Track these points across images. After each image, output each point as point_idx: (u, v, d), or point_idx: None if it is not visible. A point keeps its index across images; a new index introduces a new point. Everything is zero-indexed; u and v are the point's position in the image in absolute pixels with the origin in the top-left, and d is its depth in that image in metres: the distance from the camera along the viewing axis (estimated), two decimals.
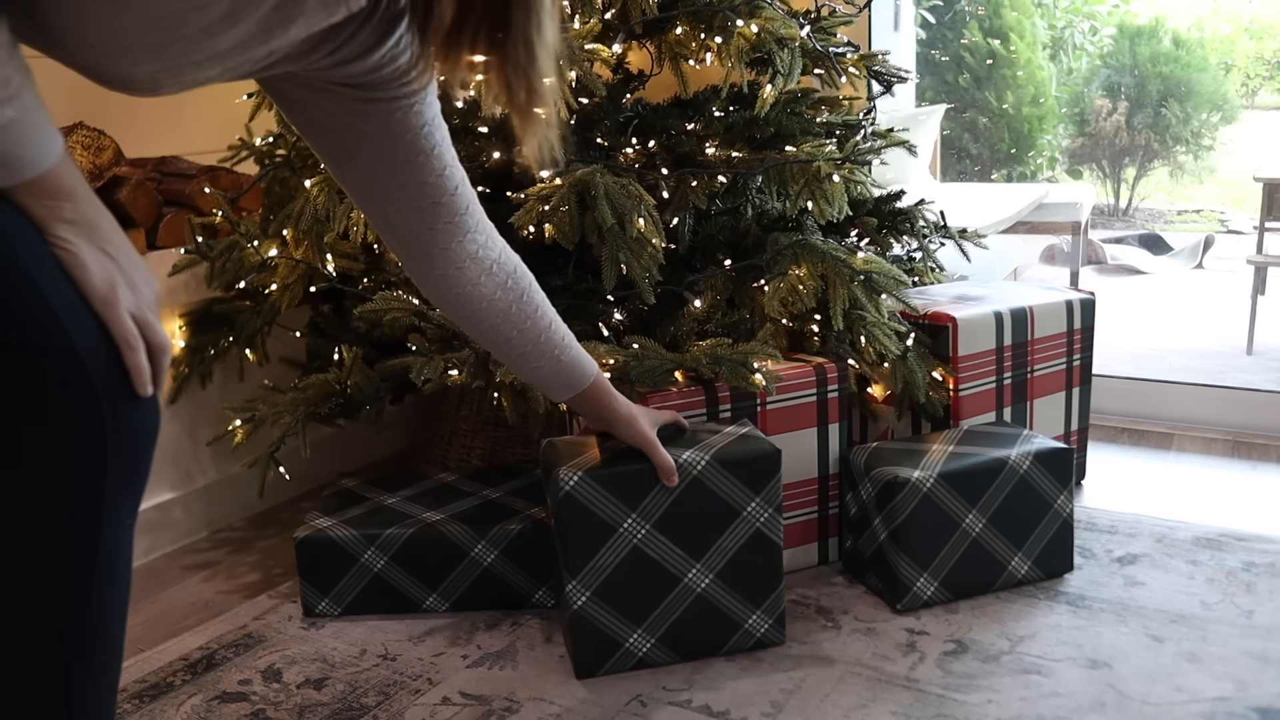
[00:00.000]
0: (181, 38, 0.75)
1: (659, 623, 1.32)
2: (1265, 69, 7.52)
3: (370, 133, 0.97)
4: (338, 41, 0.86)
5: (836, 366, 1.54)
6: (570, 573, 1.29)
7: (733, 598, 1.33)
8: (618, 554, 1.29)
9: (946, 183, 4.99)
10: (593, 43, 1.52)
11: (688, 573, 1.31)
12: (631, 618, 1.31)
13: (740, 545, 1.32)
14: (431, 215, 1.06)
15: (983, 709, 1.22)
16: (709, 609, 1.33)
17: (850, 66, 1.72)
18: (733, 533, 1.32)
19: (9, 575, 0.76)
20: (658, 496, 1.28)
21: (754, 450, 1.32)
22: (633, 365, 1.42)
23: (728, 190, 1.70)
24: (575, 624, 1.30)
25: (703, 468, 1.29)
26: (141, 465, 0.79)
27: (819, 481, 1.57)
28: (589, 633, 1.30)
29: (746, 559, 1.33)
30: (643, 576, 1.30)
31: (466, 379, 1.49)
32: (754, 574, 1.33)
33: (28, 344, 0.72)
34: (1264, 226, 3.53)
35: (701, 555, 1.31)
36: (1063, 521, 1.51)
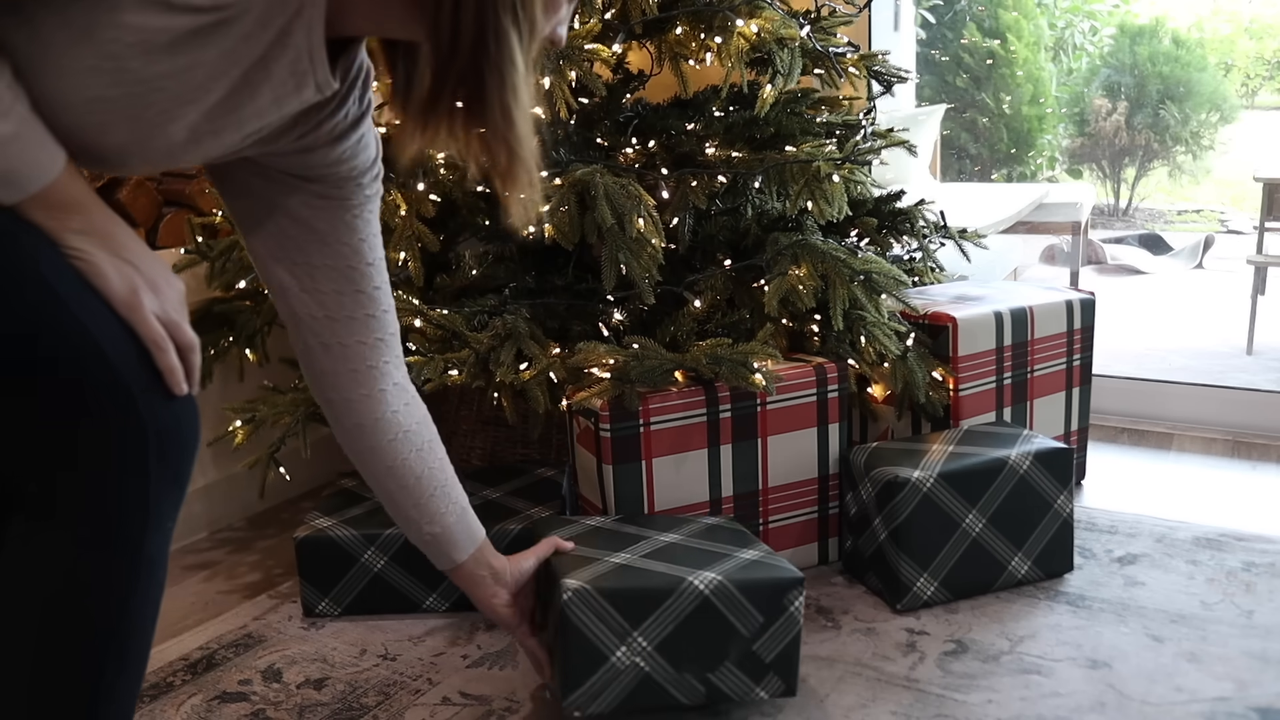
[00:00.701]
0: (155, 104, 0.76)
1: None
2: (1265, 69, 7.52)
3: (318, 230, 0.97)
4: (309, 125, 0.89)
5: (836, 366, 1.54)
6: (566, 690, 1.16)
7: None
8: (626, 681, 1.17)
9: (946, 183, 4.99)
10: (593, 43, 1.52)
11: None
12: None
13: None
14: (364, 328, 1.03)
15: (983, 709, 1.22)
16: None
17: (850, 66, 1.72)
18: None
19: (51, 575, 0.77)
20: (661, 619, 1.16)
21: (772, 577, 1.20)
22: (633, 365, 1.42)
23: (728, 190, 1.70)
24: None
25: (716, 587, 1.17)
26: (184, 466, 0.80)
27: (819, 481, 1.57)
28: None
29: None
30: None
31: (466, 379, 1.49)
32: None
33: (58, 353, 0.73)
34: (1264, 226, 3.53)
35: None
36: (1063, 521, 1.51)
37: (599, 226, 1.46)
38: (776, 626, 1.19)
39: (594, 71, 1.52)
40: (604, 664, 1.14)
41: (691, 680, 1.18)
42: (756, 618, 1.18)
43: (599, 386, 1.42)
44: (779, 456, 1.53)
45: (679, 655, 1.16)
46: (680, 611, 1.16)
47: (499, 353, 1.49)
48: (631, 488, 1.46)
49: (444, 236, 1.76)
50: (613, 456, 1.45)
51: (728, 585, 1.17)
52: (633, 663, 1.15)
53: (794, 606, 1.20)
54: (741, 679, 1.19)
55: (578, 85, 1.53)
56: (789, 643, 1.20)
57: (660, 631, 1.16)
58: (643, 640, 1.15)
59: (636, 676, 1.15)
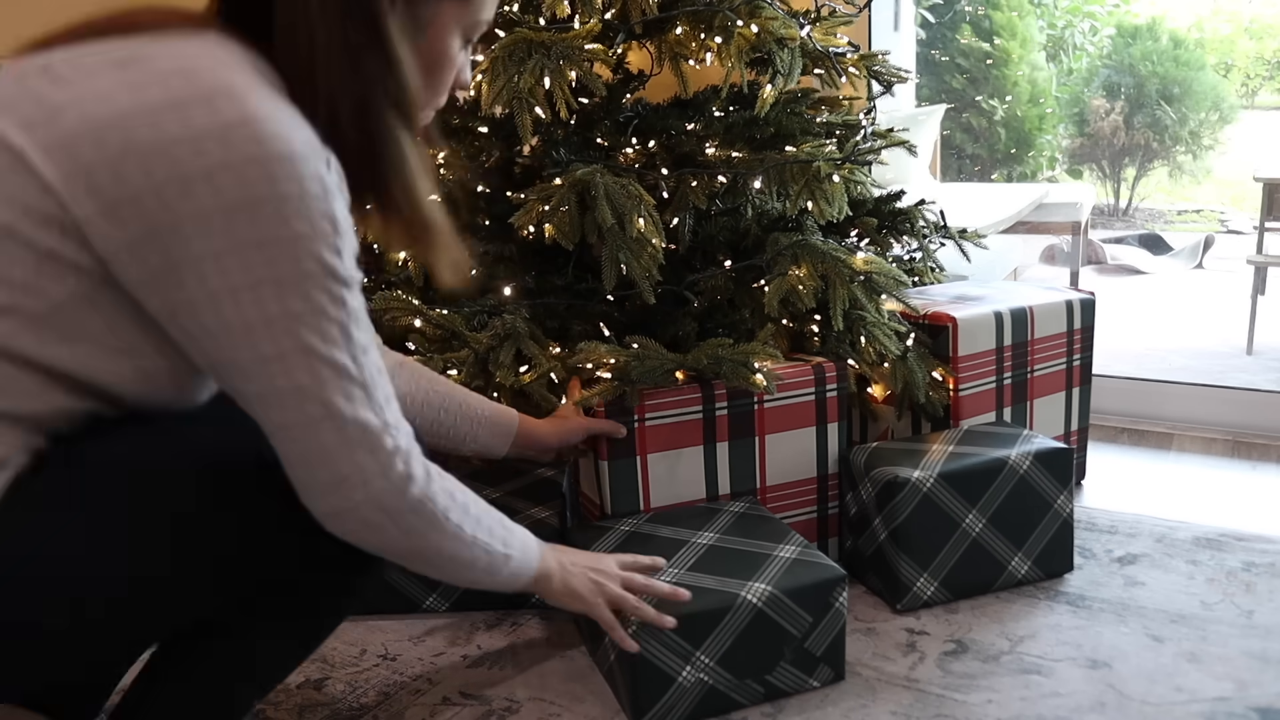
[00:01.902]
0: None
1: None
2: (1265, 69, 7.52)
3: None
4: None
5: (835, 366, 1.54)
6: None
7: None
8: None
9: (946, 183, 4.99)
10: (593, 43, 1.52)
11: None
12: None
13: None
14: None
15: (983, 709, 1.22)
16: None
17: (850, 66, 1.72)
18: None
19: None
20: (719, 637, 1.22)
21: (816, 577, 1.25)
22: (633, 365, 1.42)
23: (728, 190, 1.70)
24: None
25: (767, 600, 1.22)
26: None
27: (818, 481, 1.57)
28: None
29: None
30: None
31: (465, 378, 1.49)
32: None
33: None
34: (1264, 226, 3.53)
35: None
36: (1063, 521, 1.51)
37: (599, 226, 1.46)
38: (825, 622, 1.26)
39: (594, 71, 1.52)
40: (672, 685, 1.20)
41: (752, 684, 1.24)
42: (806, 619, 1.25)
43: (600, 387, 1.43)
44: (777, 455, 1.53)
45: (738, 664, 1.22)
46: (737, 626, 1.21)
47: (498, 353, 1.49)
48: (627, 483, 1.46)
49: None
50: (608, 451, 1.45)
51: (778, 595, 1.22)
52: (698, 679, 1.21)
53: (839, 602, 1.26)
54: (796, 674, 1.26)
55: (578, 85, 1.53)
56: (836, 635, 1.27)
57: (720, 647, 1.21)
58: (705, 657, 1.21)
59: (702, 690, 1.22)
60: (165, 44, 0.80)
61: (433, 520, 0.90)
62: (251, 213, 0.76)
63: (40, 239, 0.77)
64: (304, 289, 0.78)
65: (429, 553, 0.93)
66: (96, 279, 0.79)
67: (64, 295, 0.78)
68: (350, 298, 0.82)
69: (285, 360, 0.79)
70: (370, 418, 0.84)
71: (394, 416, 0.86)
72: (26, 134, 0.76)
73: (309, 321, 0.79)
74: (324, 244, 0.79)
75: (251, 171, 0.76)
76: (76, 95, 0.77)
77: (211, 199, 0.75)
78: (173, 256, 0.77)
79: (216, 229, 0.76)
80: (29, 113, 0.77)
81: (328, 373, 0.81)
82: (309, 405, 0.81)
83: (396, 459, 0.86)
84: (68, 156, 0.76)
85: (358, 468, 0.84)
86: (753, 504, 1.47)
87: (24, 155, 0.76)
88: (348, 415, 0.82)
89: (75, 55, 0.80)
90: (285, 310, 0.78)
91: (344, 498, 0.85)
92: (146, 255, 0.77)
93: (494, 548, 0.99)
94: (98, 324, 0.80)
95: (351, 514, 0.86)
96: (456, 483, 0.95)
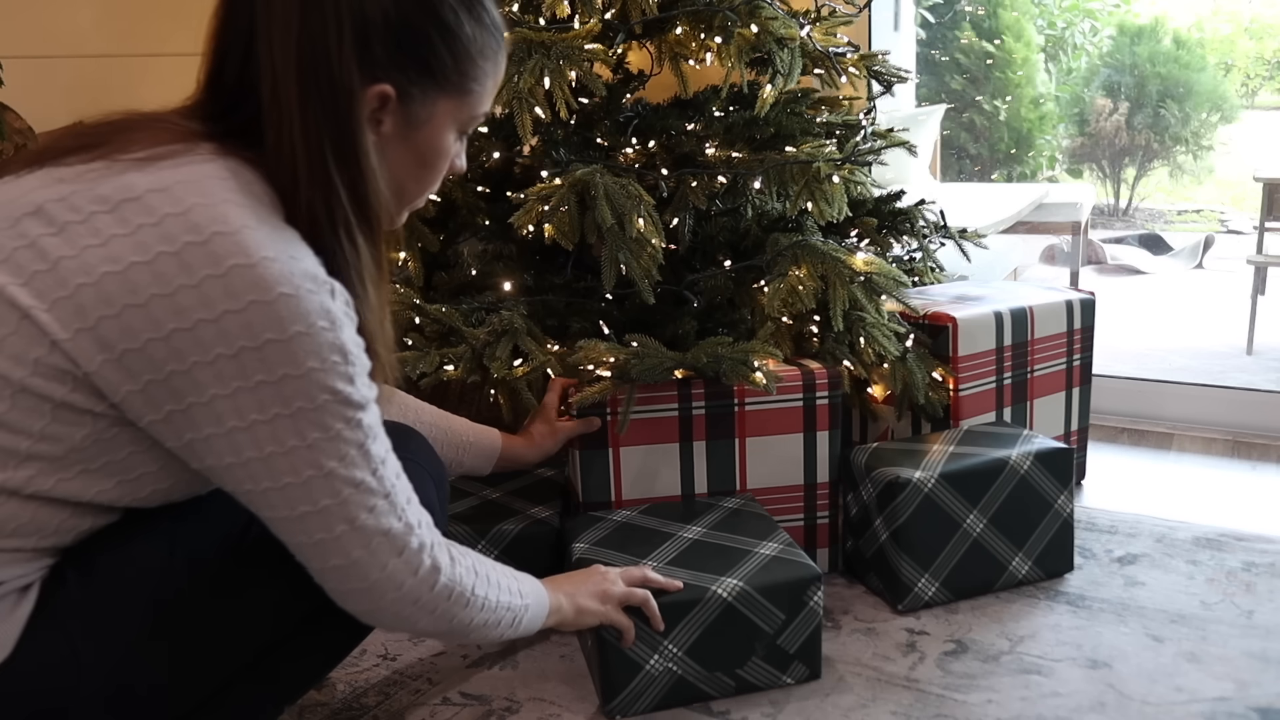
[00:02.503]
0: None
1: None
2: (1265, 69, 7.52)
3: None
4: None
5: (829, 372, 1.51)
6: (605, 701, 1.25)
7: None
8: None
9: (946, 183, 4.99)
10: (593, 43, 1.52)
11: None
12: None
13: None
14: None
15: (983, 709, 1.22)
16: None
17: (850, 66, 1.72)
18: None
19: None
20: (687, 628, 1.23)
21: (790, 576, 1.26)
22: (633, 363, 1.42)
23: (728, 190, 1.70)
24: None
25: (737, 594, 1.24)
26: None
27: (805, 490, 1.54)
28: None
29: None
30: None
31: (462, 374, 1.49)
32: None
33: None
34: (1264, 226, 3.53)
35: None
36: (1063, 522, 1.50)
37: (599, 226, 1.46)
38: (798, 621, 1.26)
39: (594, 71, 1.52)
40: (640, 672, 1.22)
41: (722, 676, 1.25)
42: (778, 615, 1.25)
43: (600, 385, 1.42)
44: (758, 459, 1.51)
45: (708, 656, 1.24)
46: (706, 618, 1.22)
47: (494, 348, 1.49)
48: (599, 474, 1.47)
49: (444, 236, 1.76)
50: (581, 443, 1.47)
51: (749, 591, 1.23)
52: (666, 668, 1.23)
53: (813, 601, 1.26)
54: (768, 670, 1.27)
55: (578, 85, 1.53)
56: (811, 633, 1.27)
57: (689, 637, 1.23)
58: (673, 647, 1.22)
59: (670, 679, 1.23)
60: (155, 174, 0.79)
61: (460, 599, 0.95)
62: (261, 354, 0.78)
63: (53, 391, 0.78)
64: (320, 419, 0.81)
65: (460, 627, 0.97)
66: (111, 421, 0.80)
67: (80, 438, 0.80)
68: (365, 417, 0.84)
69: (308, 486, 0.82)
70: (394, 524, 0.87)
71: (415, 515, 0.90)
72: (29, 289, 0.77)
73: (326, 448, 0.82)
74: (335, 375, 0.80)
75: (257, 315, 0.77)
76: (76, 247, 0.77)
77: (221, 344, 0.77)
78: (186, 399, 0.79)
79: (228, 372, 0.78)
80: (30, 265, 0.77)
81: (349, 491, 0.84)
82: (336, 525, 0.84)
83: (423, 555, 0.90)
84: (73, 312, 0.76)
85: (387, 573, 0.88)
86: (749, 501, 1.47)
87: (30, 313, 0.76)
88: (372, 528, 0.86)
89: (66, 194, 0.79)
90: (303, 441, 0.81)
91: (377, 599, 0.89)
92: (160, 400, 0.79)
93: (514, 603, 1.04)
94: (115, 458, 0.82)
95: (386, 611, 0.91)
96: (471, 552, 1.00)
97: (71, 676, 0.82)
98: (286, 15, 0.81)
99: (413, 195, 0.95)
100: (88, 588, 0.84)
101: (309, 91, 0.81)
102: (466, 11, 0.89)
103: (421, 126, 0.90)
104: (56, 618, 0.82)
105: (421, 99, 0.88)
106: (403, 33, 0.85)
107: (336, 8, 0.82)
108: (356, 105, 0.84)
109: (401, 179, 0.92)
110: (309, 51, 0.81)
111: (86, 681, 0.83)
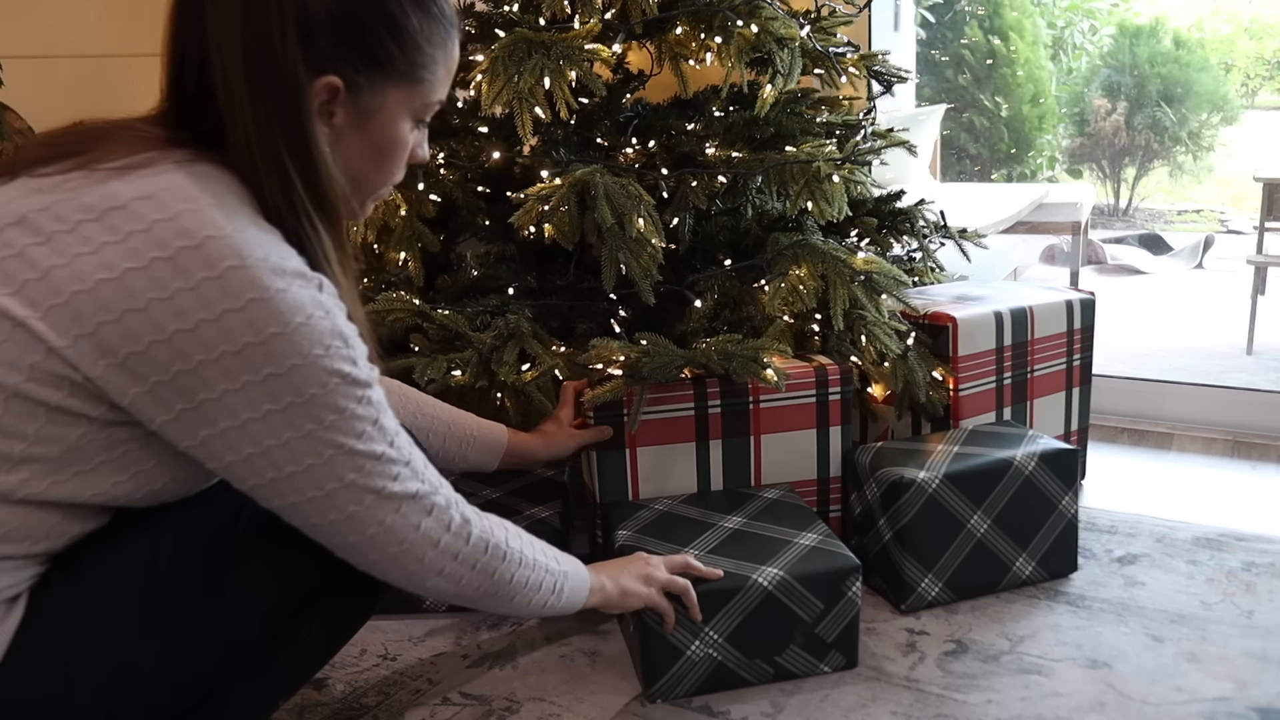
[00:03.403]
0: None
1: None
2: (1265, 69, 7.52)
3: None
4: None
5: (840, 368, 1.53)
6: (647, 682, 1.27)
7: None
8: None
9: (946, 183, 4.99)
10: (593, 43, 1.52)
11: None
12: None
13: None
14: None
15: (983, 709, 1.22)
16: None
17: (850, 66, 1.72)
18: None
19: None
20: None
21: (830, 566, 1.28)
22: (644, 361, 1.42)
23: (728, 190, 1.70)
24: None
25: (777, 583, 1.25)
26: None
27: (818, 484, 1.56)
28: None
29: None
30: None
31: (470, 379, 1.49)
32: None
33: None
34: (1264, 226, 3.53)
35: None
36: (1067, 522, 1.50)
37: (599, 226, 1.46)
38: (837, 610, 1.28)
39: (594, 71, 1.52)
40: (680, 657, 1.24)
41: (761, 663, 1.27)
42: (817, 605, 1.27)
43: (612, 384, 1.42)
44: (773, 456, 1.53)
45: (748, 643, 1.26)
46: (746, 606, 1.25)
47: (502, 352, 1.49)
48: (616, 474, 1.48)
49: (444, 236, 1.76)
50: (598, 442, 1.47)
51: (789, 580, 1.26)
52: (706, 654, 1.25)
53: (852, 591, 1.28)
54: (806, 658, 1.29)
55: (578, 85, 1.53)
56: (849, 623, 1.29)
57: (729, 624, 1.25)
58: (714, 633, 1.25)
59: (710, 665, 1.25)
60: (138, 182, 0.80)
61: (497, 551, 0.98)
62: (266, 348, 0.79)
63: (49, 396, 0.79)
64: (332, 402, 0.83)
65: (503, 585, 1.00)
66: (106, 422, 0.81)
67: (75, 439, 0.81)
68: (374, 395, 0.87)
69: (331, 464, 0.85)
70: (420, 486, 0.91)
71: (436, 476, 0.94)
72: (21, 299, 0.77)
73: (343, 427, 0.84)
74: (338, 358, 0.83)
75: (257, 312, 0.79)
76: (66, 255, 0.78)
77: (224, 342, 0.79)
78: (196, 397, 0.80)
79: (235, 367, 0.79)
80: (19, 274, 0.78)
81: (371, 464, 0.87)
82: (364, 496, 0.87)
83: (452, 511, 0.94)
84: (71, 320, 0.77)
85: (422, 532, 0.91)
86: (788, 492, 1.49)
87: (25, 322, 0.77)
88: (399, 493, 0.89)
89: (49, 204, 0.79)
90: (320, 424, 0.83)
91: (418, 559, 0.92)
92: (170, 400, 0.80)
93: (551, 565, 1.07)
94: (110, 458, 0.83)
95: (427, 571, 0.94)
96: (494, 517, 1.02)
97: (62, 686, 0.82)
98: (231, 14, 0.83)
99: (374, 185, 0.96)
100: (76, 594, 0.84)
101: (257, 86, 0.83)
102: (412, 2, 0.90)
103: (373, 116, 0.91)
104: (45, 626, 0.83)
105: (370, 89, 0.89)
106: (346, 25, 0.86)
107: (279, 4, 0.83)
108: (304, 98, 0.85)
109: (360, 169, 0.93)
110: (254, 47, 0.83)
111: (78, 691, 0.83)
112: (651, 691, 1.25)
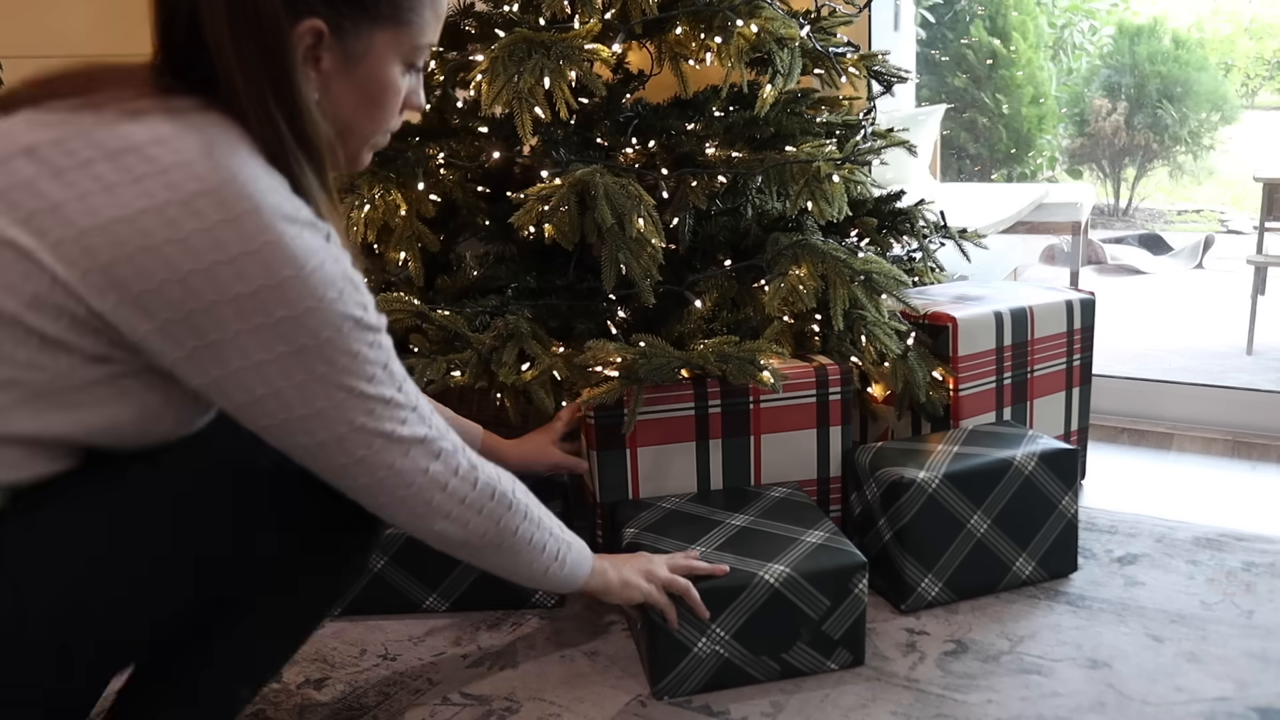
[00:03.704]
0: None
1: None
2: (1265, 69, 7.53)
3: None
4: None
5: (840, 369, 1.54)
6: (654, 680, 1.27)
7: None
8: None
9: (946, 183, 4.99)
10: (593, 43, 1.52)
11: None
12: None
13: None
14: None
15: (983, 709, 1.22)
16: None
17: (850, 66, 1.72)
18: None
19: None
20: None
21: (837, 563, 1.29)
22: (640, 363, 1.42)
23: (728, 190, 1.70)
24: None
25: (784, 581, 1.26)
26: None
27: (818, 484, 1.57)
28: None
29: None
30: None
31: (469, 380, 1.49)
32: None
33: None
34: (1264, 226, 3.53)
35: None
36: (1067, 522, 1.50)
37: (599, 226, 1.46)
38: (843, 607, 1.29)
39: (594, 71, 1.52)
40: (687, 654, 1.25)
41: (767, 660, 1.28)
42: (824, 602, 1.28)
43: (608, 386, 1.43)
44: (773, 456, 1.53)
45: (754, 640, 1.26)
46: (753, 604, 1.25)
47: (501, 353, 1.50)
48: (616, 474, 1.48)
49: (444, 236, 1.76)
50: (598, 442, 1.47)
51: (795, 577, 1.26)
52: (713, 650, 1.25)
53: (858, 588, 1.29)
54: (813, 655, 1.29)
55: (578, 85, 1.53)
56: (855, 620, 1.30)
57: (736, 621, 1.25)
58: (720, 630, 1.25)
59: (717, 662, 1.26)
60: (149, 126, 0.80)
61: (503, 499, 1.00)
62: (280, 290, 0.80)
63: (46, 327, 0.78)
64: (344, 344, 0.84)
65: (507, 534, 1.01)
66: (97, 358, 0.81)
67: (66, 368, 0.80)
68: (383, 339, 0.89)
69: (342, 408, 0.86)
70: (427, 431, 0.93)
71: (441, 423, 0.95)
72: (29, 229, 0.77)
73: (354, 369, 0.86)
74: (351, 302, 0.84)
75: (271, 255, 0.79)
76: (76, 190, 0.77)
77: (239, 284, 0.79)
78: (210, 337, 0.80)
79: (248, 309, 0.80)
80: (26, 205, 0.77)
81: (381, 408, 0.88)
82: (374, 439, 0.88)
83: (458, 457, 0.96)
84: (82, 253, 0.77)
85: (430, 475, 0.93)
86: (795, 490, 1.49)
87: (31, 253, 0.77)
88: (408, 437, 0.91)
89: (59, 137, 0.79)
90: (332, 366, 0.84)
91: (424, 503, 0.94)
92: (182, 338, 0.80)
93: (556, 531, 1.09)
94: (100, 390, 0.83)
95: (435, 514, 0.95)
96: (505, 471, 1.04)
97: (15, 621, 0.81)
98: None
99: (368, 132, 0.95)
100: (30, 529, 0.83)
101: (240, 32, 0.82)
102: None
103: (360, 60, 0.90)
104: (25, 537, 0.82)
105: (355, 32, 0.89)
106: None
107: None
108: (286, 42, 0.85)
109: (351, 115, 0.93)
110: None
111: (32, 625, 0.82)
112: (658, 688, 1.26)
